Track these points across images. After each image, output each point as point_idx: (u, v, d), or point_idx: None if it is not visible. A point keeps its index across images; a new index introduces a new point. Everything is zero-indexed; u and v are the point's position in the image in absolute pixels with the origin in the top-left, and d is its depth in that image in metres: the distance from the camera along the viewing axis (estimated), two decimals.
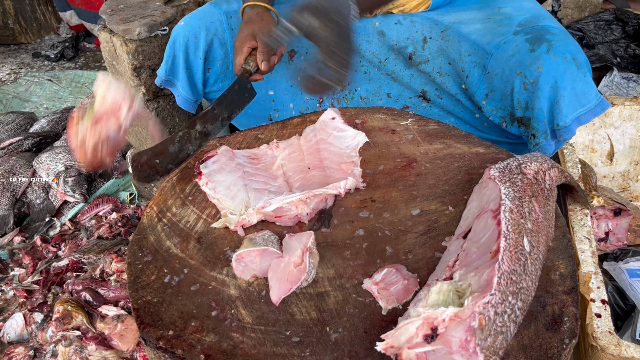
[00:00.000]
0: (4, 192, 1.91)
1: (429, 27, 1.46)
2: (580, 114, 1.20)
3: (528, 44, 1.24)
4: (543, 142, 1.26)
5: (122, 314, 1.39)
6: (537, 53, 1.21)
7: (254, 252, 0.93)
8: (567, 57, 1.18)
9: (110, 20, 1.64)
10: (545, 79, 1.19)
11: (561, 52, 1.19)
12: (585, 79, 1.19)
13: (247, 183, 1.11)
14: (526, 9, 1.38)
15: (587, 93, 1.19)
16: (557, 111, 1.20)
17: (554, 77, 1.18)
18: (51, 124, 2.34)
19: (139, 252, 1.01)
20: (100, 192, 2.01)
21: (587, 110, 1.20)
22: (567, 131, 1.22)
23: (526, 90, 1.23)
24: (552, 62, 1.18)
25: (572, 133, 1.22)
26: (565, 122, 1.20)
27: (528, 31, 1.28)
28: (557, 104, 1.19)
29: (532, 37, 1.25)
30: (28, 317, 1.45)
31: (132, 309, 0.91)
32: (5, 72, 3.08)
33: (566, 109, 1.19)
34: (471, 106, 1.48)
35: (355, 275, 0.93)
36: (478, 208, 0.95)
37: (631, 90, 2.35)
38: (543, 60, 1.19)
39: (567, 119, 1.20)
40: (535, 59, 1.21)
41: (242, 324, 0.86)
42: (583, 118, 1.20)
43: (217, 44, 1.46)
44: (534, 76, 1.20)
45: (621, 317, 1.23)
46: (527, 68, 1.22)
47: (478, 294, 0.73)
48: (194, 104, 1.53)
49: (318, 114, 1.36)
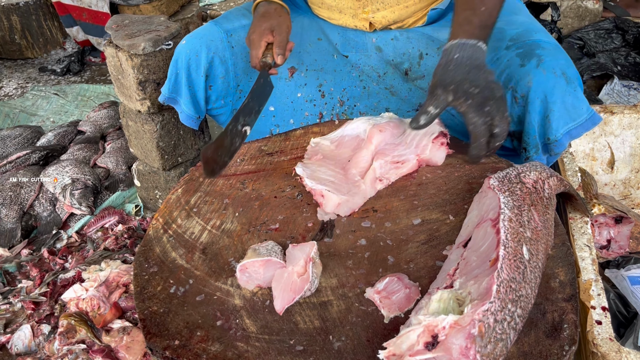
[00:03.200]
0: (11, 206, 1.94)
1: (425, 43, 1.48)
2: (571, 128, 1.20)
3: (519, 58, 1.25)
4: (534, 156, 1.27)
5: (127, 325, 1.40)
6: (527, 68, 1.22)
7: (257, 263, 0.94)
8: (556, 72, 1.19)
9: (115, 36, 1.67)
10: (535, 93, 1.20)
11: (550, 66, 1.20)
12: (575, 93, 1.19)
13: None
14: (518, 23, 1.38)
15: (578, 107, 1.19)
16: (548, 125, 1.21)
17: (543, 92, 1.19)
18: (58, 137, 2.37)
19: (145, 263, 1.03)
20: (106, 205, 2.03)
21: (577, 125, 1.20)
22: (558, 145, 1.22)
23: (517, 105, 1.25)
24: (541, 76, 1.19)
25: (563, 147, 1.22)
26: (556, 136, 1.21)
27: (519, 46, 1.28)
28: (547, 119, 1.20)
29: (522, 52, 1.26)
30: (36, 329, 1.47)
31: (139, 320, 0.92)
32: (12, 86, 3.12)
33: (556, 123, 1.20)
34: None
35: (357, 285, 0.94)
36: (478, 217, 0.97)
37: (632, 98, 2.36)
38: (533, 75, 1.20)
39: (558, 133, 1.20)
40: (526, 74, 1.22)
41: (247, 333, 0.88)
42: (574, 132, 1.21)
43: (218, 62, 1.48)
44: (524, 90, 1.22)
45: (623, 324, 1.24)
46: (517, 83, 1.23)
47: (478, 301, 0.74)
48: (196, 120, 1.55)
49: (320, 125, 1.38)
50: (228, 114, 1.60)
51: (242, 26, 1.52)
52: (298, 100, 1.59)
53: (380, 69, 1.55)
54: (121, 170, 2.18)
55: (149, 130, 1.74)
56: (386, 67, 1.54)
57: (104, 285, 1.46)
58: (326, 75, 1.58)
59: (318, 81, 1.58)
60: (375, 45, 1.52)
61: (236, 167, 1.27)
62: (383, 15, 1.45)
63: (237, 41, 1.50)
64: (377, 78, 1.56)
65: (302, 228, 1.08)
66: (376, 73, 1.55)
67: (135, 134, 1.83)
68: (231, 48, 1.49)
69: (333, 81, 1.58)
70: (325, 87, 1.58)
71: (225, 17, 1.56)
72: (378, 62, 1.54)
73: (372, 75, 1.56)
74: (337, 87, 1.58)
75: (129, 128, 1.85)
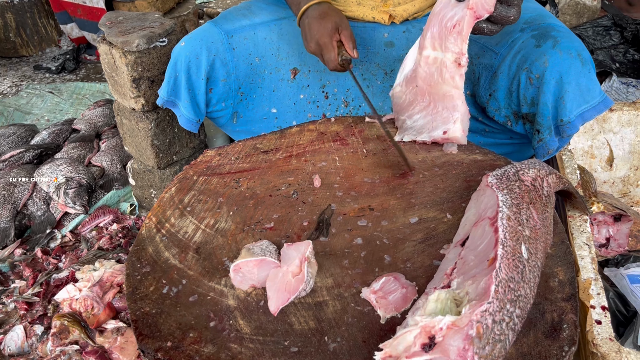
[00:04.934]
0: (5, 205, 1.92)
1: None
2: (584, 110, 1.21)
3: (534, 40, 1.26)
4: (547, 137, 1.26)
5: (121, 326, 1.39)
6: (542, 48, 1.23)
7: (251, 262, 0.93)
8: (572, 53, 1.19)
9: (109, 33, 1.65)
10: (551, 73, 1.20)
11: (567, 47, 1.20)
12: (589, 75, 1.20)
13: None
14: (531, 8, 1.40)
15: (591, 90, 1.20)
16: (562, 106, 1.21)
17: (559, 72, 1.19)
18: (52, 136, 2.35)
19: (138, 263, 1.01)
20: (101, 204, 2.01)
21: (591, 107, 1.21)
22: (570, 127, 1.23)
23: (532, 86, 1.24)
24: (557, 57, 1.20)
25: (575, 129, 1.23)
26: (570, 117, 1.21)
27: (534, 28, 1.30)
28: (561, 99, 1.21)
29: (537, 34, 1.26)
30: (28, 330, 1.45)
31: (131, 321, 0.91)
32: (7, 84, 3.10)
33: (570, 104, 1.20)
34: (474, 112, 1.48)
35: (353, 284, 0.93)
36: (476, 215, 0.95)
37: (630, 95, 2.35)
38: (549, 55, 1.21)
39: (572, 114, 1.21)
40: (541, 54, 1.22)
41: (241, 334, 0.86)
42: (587, 115, 1.21)
43: (219, 64, 1.45)
44: (539, 71, 1.22)
45: (623, 323, 1.23)
46: (532, 63, 1.23)
47: (475, 302, 0.72)
48: (196, 123, 1.52)
49: (316, 122, 1.36)
50: (229, 116, 1.58)
51: (243, 27, 1.49)
52: (301, 101, 1.57)
53: (388, 66, 1.53)
54: (116, 168, 2.16)
55: (144, 128, 1.72)
56: (393, 64, 1.53)
57: (98, 285, 1.45)
58: (329, 76, 1.56)
59: (321, 82, 1.56)
60: (386, 41, 1.50)
61: (231, 165, 1.25)
62: (404, 8, 1.43)
63: (237, 43, 1.47)
64: (383, 76, 1.54)
65: (297, 227, 1.07)
66: (382, 71, 1.54)
67: (129, 132, 1.81)
68: (232, 50, 1.47)
69: (337, 82, 1.56)
70: (328, 88, 1.56)
71: (224, 18, 1.53)
72: (385, 59, 1.52)
73: (377, 73, 1.54)
74: (341, 87, 1.56)
75: (123, 126, 1.83)
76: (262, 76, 1.53)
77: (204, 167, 1.25)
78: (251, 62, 1.49)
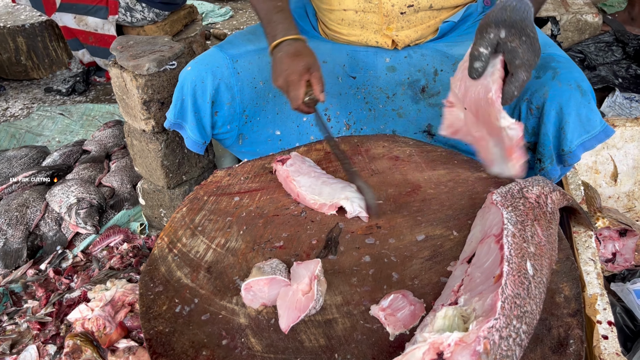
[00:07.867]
0: (17, 226, 1.95)
1: (440, 60, 1.48)
2: (585, 140, 1.22)
3: (534, 71, 1.27)
4: (549, 166, 1.28)
5: (133, 345, 1.40)
6: (542, 80, 1.25)
7: (262, 281, 0.95)
8: (571, 84, 1.21)
9: (120, 57, 1.69)
10: (551, 104, 1.22)
11: (566, 79, 1.22)
12: (589, 105, 1.21)
13: (325, 181, 1.22)
14: None
15: (592, 119, 1.21)
16: (563, 137, 1.22)
17: (559, 103, 1.21)
18: (63, 157, 2.39)
19: (151, 282, 1.04)
20: (111, 223, 2.04)
21: (591, 137, 1.22)
22: (572, 156, 1.24)
23: (532, 116, 1.26)
24: (557, 88, 1.21)
25: (577, 158, 1.24)
26: (571, 147, 1.22)
27: None
28: (562, 130, 1.22)
29: (538, 65, 1.28)
30: (42, 349, 1.47)
31: (145, 339, 0.92)
32: (19, 107, 3.16)
33: (571, 134, 1.21)
34: None
35: (362, 302, 0.95)
36: (481, 233, 0.97)
37: (634, 111, 2.37)
38: (549, 87, 1.22)
39: (572, 144, 1.22)
40: (541, 86, 1.24)
41: (252, 352, 0.88)
42: (588, 144, 1.23)
43: (224, 88, 1.48)
44: (539, 102, 1.23)
45: (630, 338, 1.23)
46: (533, 94, 1.25)
47: (482, 318, 0.74)
48: (202, 145, 1.55)
49: (322, 142, 1.39)
50: (234, 138, 1.60)
51: (248, 52, 1.52)
52: (304, 124, 1.59)
53: (390, 89, 1.55)
54: (126, 189, 2.19)
55: (154, 149, 1.76)
56: (395, 88, 1.55)
57: (110, 305, 1.47)
58: (332, 99, 1.58)
59: (323, 105, 1.59)
60: (388, 65, 1.52)
61: (240, 185, 1.28)
62: (407, 34, 1.46)
63: (242, 67, 1.50)
64: (385, 100, 1.56)
65: (306, 245, 1.09)
66: (384, 94, 1.55)
67: (139, 152, 1.85)
68: (237, 74, 1.50)
69: (339, 105, 1.59)
70: (331, 111, 1.59)
71: (229, 42, 1.56)
72: (387, 83, 1.54)
73: (379, 97, 1.56)
74: (343, 110, 1.59)
75: (133, 147, 1.87)
76: (266, 99, 1.56)
77: (214, 187, 1.28)
78: (255, 86, 1.52)
